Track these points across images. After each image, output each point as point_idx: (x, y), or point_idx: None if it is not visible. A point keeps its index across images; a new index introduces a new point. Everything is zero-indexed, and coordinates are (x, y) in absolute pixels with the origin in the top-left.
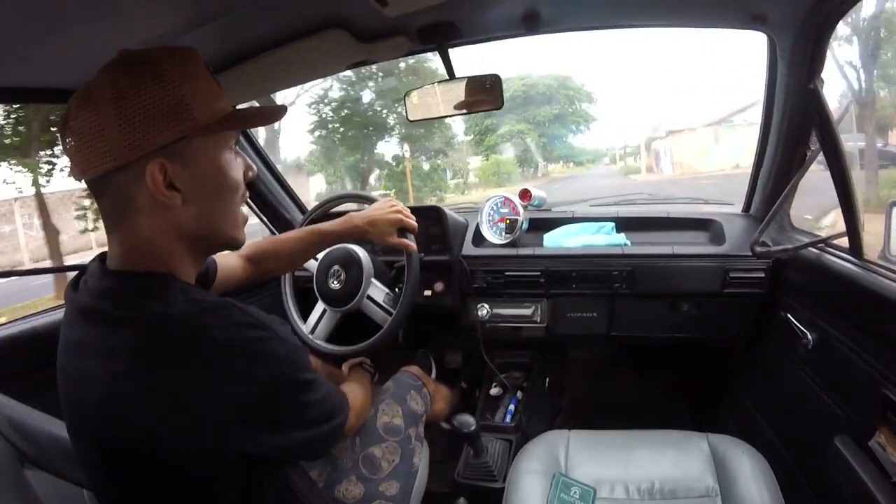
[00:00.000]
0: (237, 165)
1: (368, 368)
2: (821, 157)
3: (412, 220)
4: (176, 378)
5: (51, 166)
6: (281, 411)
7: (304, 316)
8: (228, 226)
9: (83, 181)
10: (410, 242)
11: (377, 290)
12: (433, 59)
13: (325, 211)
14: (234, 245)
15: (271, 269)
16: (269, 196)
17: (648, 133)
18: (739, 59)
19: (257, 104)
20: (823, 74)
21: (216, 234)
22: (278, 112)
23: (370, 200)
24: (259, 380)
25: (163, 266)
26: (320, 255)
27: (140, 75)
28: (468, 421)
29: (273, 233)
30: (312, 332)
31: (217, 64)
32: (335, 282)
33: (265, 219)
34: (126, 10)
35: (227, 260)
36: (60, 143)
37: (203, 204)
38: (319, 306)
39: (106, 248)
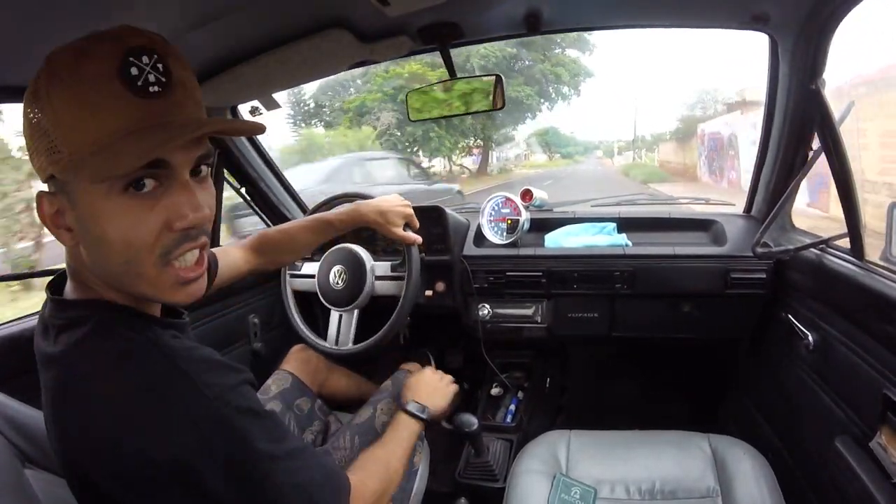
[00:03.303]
0: (136, 215)
1: (419, 413)
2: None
3: (416, 218)
4: (88, 425)
5: None
6: (206, 485)
7: (312, 326)
8: (136, 285)
9: None
10: (415, 236)
11: (382, 267)
12: None
13: (327, 209)
14: (164, 302)
15: (278, 259)
16: (271, 195)
17: (684, 111)
18: None
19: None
20: (825, 75)
21: (126, 289)
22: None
23: (368, 198)
24: (176, 441)
25: (103, 289)
26: (317, 271)
27: (33, 86)
28: (469, 420)
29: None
30: (336, 341)
31: (218, 63)
32: (339, 282)
33: (266, 218)
34: (127, 9)
35: (228, 253)
36: None
37: (93, 255)
38: (334, 315)
39: None
